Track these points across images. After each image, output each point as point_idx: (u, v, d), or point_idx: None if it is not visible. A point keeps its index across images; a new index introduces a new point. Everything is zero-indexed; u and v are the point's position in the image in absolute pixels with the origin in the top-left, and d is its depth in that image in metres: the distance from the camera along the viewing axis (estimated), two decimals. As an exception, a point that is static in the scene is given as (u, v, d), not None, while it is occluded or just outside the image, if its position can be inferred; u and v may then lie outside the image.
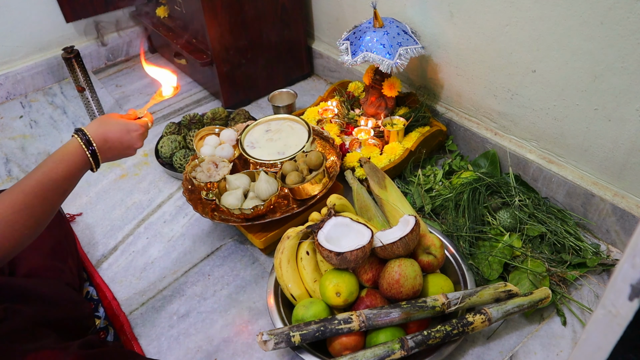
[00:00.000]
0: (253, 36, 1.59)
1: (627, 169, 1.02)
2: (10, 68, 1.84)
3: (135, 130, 0.86)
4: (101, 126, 0.81)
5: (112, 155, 0.84)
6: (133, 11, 2.00)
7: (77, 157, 0.77)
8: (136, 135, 0.86)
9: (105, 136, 0.81)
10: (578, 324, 0.97)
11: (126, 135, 0.84)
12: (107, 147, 0.81)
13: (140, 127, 0.87)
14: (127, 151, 0.86)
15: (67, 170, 0.76)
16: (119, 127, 0.83)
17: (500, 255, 1.02)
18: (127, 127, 0.84)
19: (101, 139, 0.80)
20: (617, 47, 0.92)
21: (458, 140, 1.38)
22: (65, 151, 0.77)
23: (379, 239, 0.90)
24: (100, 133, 0.80)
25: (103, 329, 1.03)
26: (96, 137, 0.80)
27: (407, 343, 0.83)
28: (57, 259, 1.00)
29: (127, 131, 0.84)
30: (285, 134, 1.24)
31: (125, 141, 0.84)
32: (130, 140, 0.85)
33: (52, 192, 0.73)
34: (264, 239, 1.10)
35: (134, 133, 0.85)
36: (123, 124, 0.84)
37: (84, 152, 0.78)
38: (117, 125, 0.83)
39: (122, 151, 0.85)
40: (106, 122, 0.83)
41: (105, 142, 0.81)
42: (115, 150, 0.83)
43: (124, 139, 0.83)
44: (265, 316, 1.03)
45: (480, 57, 1.20)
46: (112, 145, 0.82)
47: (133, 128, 0.85)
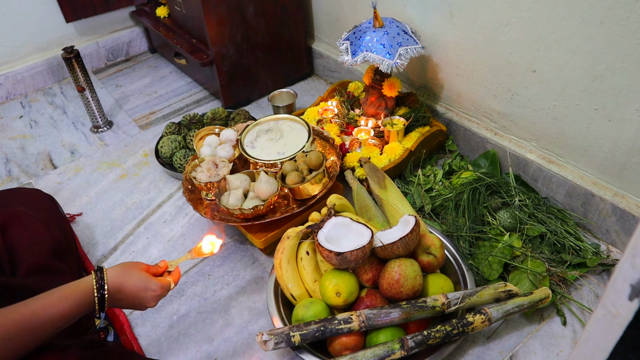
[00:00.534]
0: (253, 36, 1.59)
1: (627, 169, 1.02)
2: (10, 68, 1.84)
3: (154, 290, 0.81)
4: (122, 275, 0.78)
5: (120, 305, 0.81)
6: (133, 11, 2.00)
7: (84, 298, 0.74)
8: (153, 295, 0.81)
9: (121, 286, 0.77)
10: (578, 324, 0.97)
11: (143, 292, 0.80)
12: (118, 297, 0.78)
13: (159, 289, 0.82)
14: (137, 307, 0.82)
15: (69, 310, 0.72)
16: (139, 282, 0.79)
17: (500, 255, 1.02)
18: (146, 285, 0.80)
19: (116, 288, 0.77)
20: (617, 47, 0.92)
21: (458, 140, 1.38)
22: (75, 289, 0.74)
23: (379, 239, 0.90)
24: (118, 282, 0.77)
25: (103, 329, 1.03)
26: (112, 284, 0.76)
27: (407, 343, 0.83)
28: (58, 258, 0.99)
29: (145, 289, 0.80)
30: (285, 134, 1.24)
31: (138, 297, 0.80)
32: (145, 299, 0.80)
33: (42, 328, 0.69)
34: (264, 239, 1.10)
35: (151, 293, 0.80)
36: (144, 280, 0.80)
37: (92, 296, 0.75)
38: (139, 280, 0.79)
39: (132, 306, 0.81)
40: (128, 272, 0.79)
41: (118, 292, 0.77)
42: (125, 302, 0.80)
43: (138, 295, 0.79)
44: (265, 316, 1.03)
45: (480, 57, 1.20)
46: (124, 297, 0.78)
47: (152, 287, 0.80)
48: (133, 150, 1.54)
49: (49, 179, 1.46)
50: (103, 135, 1.63)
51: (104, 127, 1.65)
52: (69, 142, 1.61)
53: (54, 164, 1.52)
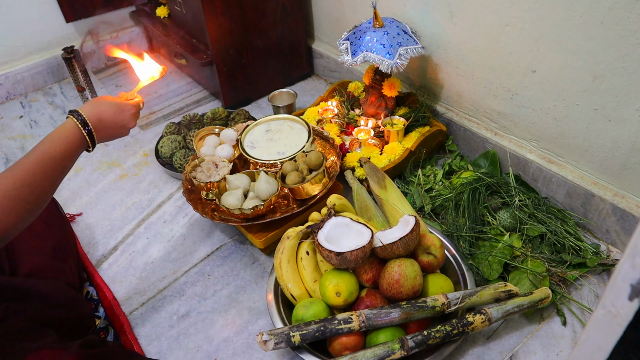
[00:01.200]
0: (253, 36, 1.59)
1: (627, 169, 1.02)
2: (10, 68, 1.84)
3: (129, 110, 0.89)
4: (95, 107, 0.84)
5: (107, 135, 0.86)
6: (133, 11, 2.00)
7: (74, 136, 0.80)
8: (129, 114, 0.89)
9: (99, 116, 0.83)
10: (578, 324, 0.97)
11: (120, 115, 0.87)
12: (102, 126, 0.83)
13: (132, 107, 0.90)
14: (121, 130, 0.89)
15: (66, 149, 0.78)
16: (113, 107, 0.86)
17: (500, 255, 1.02)
18: (120, 107, 0.87)
19: (96, 119, 0.82)
20: (617, 47, 0.92)
21: (458, 140, 1.38)
22: (63, 130, 0.80)
23: (379, 239, 0.90)
24: (94, 113, 0.83)
25: (103, 329, 1.03)
26: (91, 117, 0.82)
27: (407, 343, 0.83)
28: (58, 258, 1.00)
29: (121, 111, 0.87)
30: (285, 134, 1.24)
31: (119, 120, 0.87)
32: (124, 120, 0.88)
33: (51, 169, 0.75)
34: (264, 239, 1.10)
35: (127, 113, 0.88)
36: (116, 104, 0.87)
37: (80, 132, 0.81)
38: (111, 105, 0.86)
39: (116, 131, 0.87)
40: (100, 103, 0.85)
41: (99, 122, 0.83)
42: (110, 129, 0.86)
43: (117, 119, 0.86)
44: (265, 316, 1.03)
45: (480, 57, 1.20)
46: (107, 124, 0.84)
47: (126, 108, 0.88)
48: (133, 150, 1.54)
49: (49, 179, 1.46)
50: (103, 135, 1.63)
51: (104, 127, 1.65)
52: (69, 142, 1.61)
53: (54, 164, 1.52)
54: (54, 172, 0.76)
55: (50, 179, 0.75)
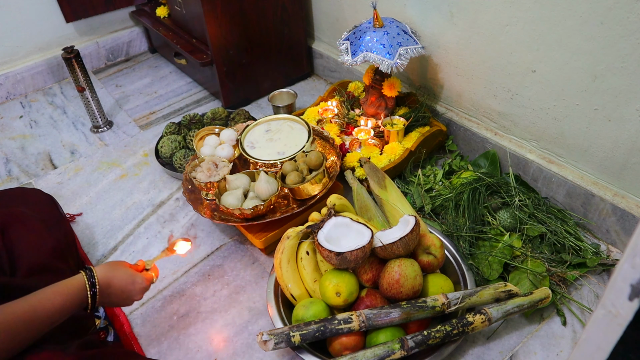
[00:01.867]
0: (253, 36, 1.59)
1: (627, 169, 1.02)
2: (10, 68, 1.84)
3: (140, 283, 0.88)
4: (110, 271, 0.83)
5: (110, 301, 0.85)
6: (133, 11, 2.00)
7: (77, 294, 0.78)
8: (139, 288, 0.88)
9: (110, 281, 0.83)
10: (578, 324, 0.97)
11: (130, 285, 0.86)
12: (107, 292, 0.83)
13: (144, 281, 0.89)
14: (125, 301, 0.88)
15: (63, 305, 0.76)
16: (126, 276, 0.86)
17: (500, 255, 1.02)
18: (133, 279, 0.87)
19: (105, 283, 0.82)
20: (617, 47, 0.92)
21: (458, 140, 1.38)
22: (69, 285, 0.78)
23: (379, 239, 0.90)
24: (106, 277, 0.82)
25: (103, 329, 1.03)
26: (101, 281, 0.81)
27: (407, 343, 0.83)
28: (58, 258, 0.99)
29: (132, 282, 0.87)
30: (285, 134, 1.24)
31: (127, 291, 0.86)
32: (132, 292, 0.87)
33: (39, 321, 0.72)
34: (264, 239, 1.10)
35: (137, 286, 0.88)
36: (130, 274, 0.86)
37: (85, 292, 0.79)
38: (125, 274, 0.86)
39: (120, 300, 0.86)
40: (115, 269, 0.85)
41: (108, 287, 0.82)
42: (115, 297, 0.85)
43: (126, 289, 0.86)
44: (265, 316, 1.03)
45: (480, 57, 1.20)
46: (113, 292, 0.84)
47: (138, 281, 0.88)
48: (133, 150, 1.55)
49: (49, 179, 1.46)
50: (103, 135, 1.63)
51: (104, 127, 1.65)
52: (69, 142, 1.61)
53: (54, 164, 1.52)
54: (40, 324, 0.72)
55: (35, 331, 0.72)
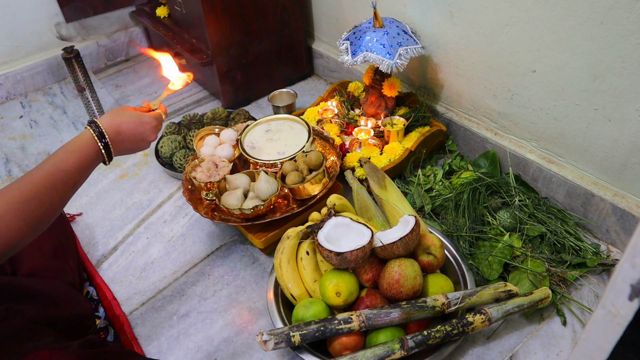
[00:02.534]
0: (253, 36, 1.59)
1: (627, 169, 1.02)
2: (10, 68, 1.84)
3: (149, 122, 0.83)
4: (115, 118, 0.79)
5: (126, 148, 0.81)
6: (133, 11, 2.00)
7: (89, 148, 0.75)
8: (150, 127, 0.83)
9: (118, 128, 0.78)
10: (578, 324, 0.97)
11: (140, 127, 0.82)
12: (120, 139, 0.79)
13: (154, 120, 0.84)
14: (140, 144, 0.84)
15: (79, 162, 0.74)
16: (133, 119, 0.81)
17: (500, 255, 1.02)
18: (140, 119, 0.82)
19: (114, 131, 0.78)
20: (617, 47, 0.92)
21: (458, 140, 1.38)
22: (78, 142, 0.76)
23: (379, 239, 0.90)
24: (113, 125, 0.78)
25: (103, 329, 1.03)
26: (109, 129, 0.77)
27: (407, 343, 0.83)
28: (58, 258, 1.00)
29: (141, 123, 0.82)
30: (285, 134, 1.24)
31: (138, 133, 0.82)
32: (144, 133, 0.83)
33: (62, 182, 0.71)
34: (264, 239, 1.10)
35: (147, 125, 0.83)
36: (137, 116, 0.82)
37: (96, 144, 0.76)
38: (131, 117, 0.81)
39: (135, 144, 0.83)
40: (120, 114, 0.81)
41: (118, 135, 0.78)
42: (129, 142, 0.81)
43: (137, 131, 0.81)
44: (265, 316, 1.03)
45: (480, 57, 1.20)
46: (126, 137, 0.80)
47: (147, 120, 0.83)
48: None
49: (49, 179, 1.46)
50: (103, 135, 1.63)
51: (104, 127, 1.65)
52: (69, 142, 1.61)
53: (54, 164, 1.52)
54: (64, 186, 0.71)
55: (61, 193, 0.71)
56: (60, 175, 0.71)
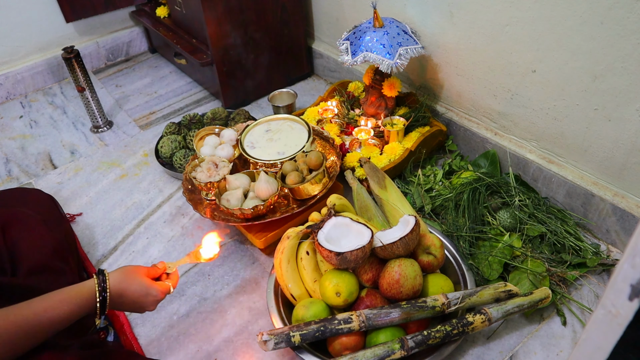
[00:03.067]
0: (253, 36, 1.59)
1: (627, 169, 1.02)
2: (10, 68, 1.84)
3: (154, 295, 0.84)
4: (124, 281, 0.80)
5: (121, 308, 0.82)
6: (133, 11, 2.00)
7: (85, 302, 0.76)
8: (152, 300, 0.84)
9: (123, 292, 0.80)
10: (578, 324, 0.97)
11: (143, 297, 0.83)
12: (119, 301, 0.80)
13: (159, 294, 0.85)
14: (136, 310, 0.85)
15: (69, 313, 0.74)
16: (140, 288, 0.82)
17: (500, 255, 1.02)
18: (147, 291, 0.83)
19: (118, 293, 0.79)
20: (617, 47, 0.92)
21: (458, 140, 1.38)
22: (78, 292, 0.76)
23: (379, 239, 0.90)
24: (119, 288, 0.79)
25: (103, 328, 1.03)
26: (114, 290, 0.79)
27: (407, 343, 0.83)
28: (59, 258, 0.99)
29: (146, 295, 0.83)
30: (285, 134, 1.24)
31: (139, 302, 0.83)
32: (145, 304, 0.83)
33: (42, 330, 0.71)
34: (264, 239, 1.10)
35: (151, 298, 0.84)
36: (145, 286, 0.83)
37: (94, 299, 0.77)
38: (139, 285, 0.82)
39: (132, 309, 0.84)
40: (130, 278, 0.82)
41: (119, 297, 0.80)
42: (126, 306, 0.82)
43: (138, 301, 0.82)
44: (265, 316, 1.03)
45: (480, 57, 1.20)
46: (125, 301, 0.81)
47: (153, 293, 0.84)
48: (133, 150, 1.54)
49: (49, 179, 1.46)
50: (103, 135, 1.63)
51: (104, 127, 1.65)
52: (69, 142, 1.61)
53: (54, 164, 1.52)
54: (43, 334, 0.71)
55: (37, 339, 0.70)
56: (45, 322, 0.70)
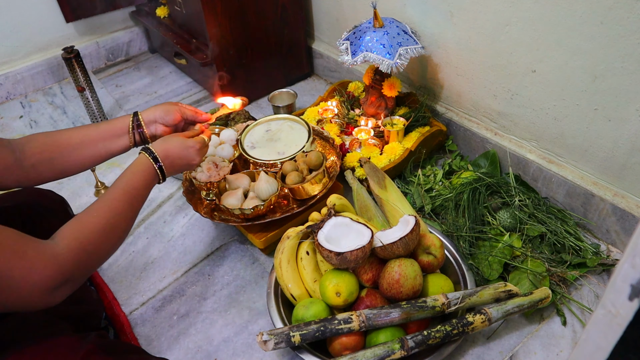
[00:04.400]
0: (253, 36, 1.59)
1: (627, 169, 1.02)
2: (10, 68, 1.84)
3: (192, 146, 0.93)
4: (163, 143, 0.90)
5: (175, 169, 0.91)
6: (133, 11, 2.00)
7: (148, 169, 0.87)
8: (194, 151, 0.93)
9: (167, 152, 0.89)
10: (578, 324, 0.97)
11: (184, 151, 0.92)
12: (169, 162, 0.89)
13: (196, 143, 0.94)
14: (187, 166, 0.94)
15: (145, 180, 0.85)
16: (178, 144, 0.91)
17: (500, 255, 1.02)
18: (185, 144, 0.92)
19: (164, 155, 0.89)
20: (617, 47, 0.92)
21: (458, 140, 1.38)
22: (139, 164, 0.87)
23: (379, 239, 0.90)
24: (162, 149, 0.89)
25: (103, 328, 1.03)
26: (160, 154, 0.88)
27: (407, 343, 0.83)
28: None
29: (186, 147, 0.92)
30: (285, 134, 1.24)
31: (184, 156, 0.92)
32: (188, 156, 0.92)
33: (135, 199, 0.82)
34: (264, 239, 1.10)
35: (191, 149, 0.92)
36: (181, 141, 0.92)
37: (153, 167, 0.87)
38: (177, 142, 0.92)
39: (182, 166, 0.93)
40: (167, 140, 0.92)
41: (166, 157, 0.89)
42: (177, 165, 0.91)
43: (182, 154, 0.91)
44: (265, 316, 1.03)
45: (480, 57, 1.20)
46: (173, 160, 0.90)
47: (190, 144, 0.93)
48: (133, 150, 1.54)
49: (49, 179, 1.46)
50: (103, 135, 1.63)
51: (104, 127, 1.65)
52: (69, 142, 1.61)
53: (54, 164, 1.52)
54: (137, 202, 0.83)
55: (135, 208, 0.83)
56: (133, 192, 0.82)
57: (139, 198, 0.84)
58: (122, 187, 0.82)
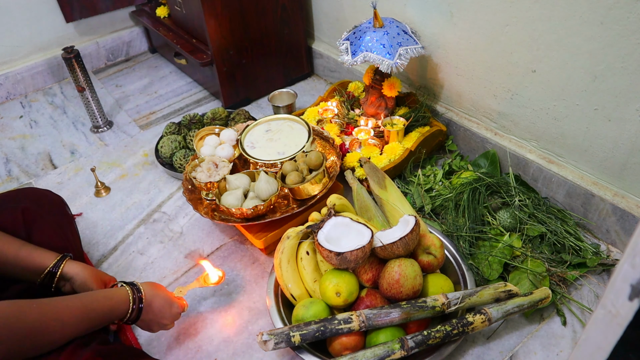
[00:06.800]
0: (253, 36, 1.59)
1: (627, 169, 1.02)
2: (10, 68, 1.84)
3: (175, 308, 0.91)
4: (152, 291, 0.87)
5: (146, 319, 0.86)
6: (133, 11, 2.00)
7: (122, 304, 0.82)
8: (174, 313, 0.90)
9: (152, 301, 0.86)
10: (578, 324, 0.97)
11: (167, 309, 0.89)
12: (148, 310, 0.85)
13: (179, 308, 0.92)
14: (158, 322, 0.89)
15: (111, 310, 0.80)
16: (165, 300, 0.89)
17: (500, 255, 1.02)
18: (171, 303, 0.89)
19: (148, 301, 0.85)
20: (617, 47, 0.92)
21: (458, 140, 1.38)
22: (117, 294, 0.82)
23: (379, 239, 0.90)
24: (150, 295, 0.86)
25: (103, 329, 1.02)
26: (147, 299, 0.85)
27: (407, 343, 0.83)
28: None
29: (170, 306, 0.89)
30: (285, 134, 1.24)
31: (163, 314, 0.88)
32: (165, 316, 0.89)
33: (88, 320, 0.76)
34: (264, 239, 1.10)
35: (174, 310, 0.90)
36: (169, 299, 0.90)
37: (128, 305, 0.82)
38: (164, 298, 0.89)
39: (155, 320, 0.88)
40: (157, 290, 0.88)
41: (149, 305, 0.85)
42: (152, 316, 0.87)
43: (163, 312, 0.88)
44: (265, 316, 1.03)
45: (480, 57, 1.20)
46: (152, 311, 0.86)
47: (175, 306, 0.91)
48: (133, 150, 1.54)
49: (49, 179, 1.46)
50: (103, 135, 1.63)
51: (104, 127, 1.65)
52: (69, 142, 1.61)
53: (54, 164, 1.52)
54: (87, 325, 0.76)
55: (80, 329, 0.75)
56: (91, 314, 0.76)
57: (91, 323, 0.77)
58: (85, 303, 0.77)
